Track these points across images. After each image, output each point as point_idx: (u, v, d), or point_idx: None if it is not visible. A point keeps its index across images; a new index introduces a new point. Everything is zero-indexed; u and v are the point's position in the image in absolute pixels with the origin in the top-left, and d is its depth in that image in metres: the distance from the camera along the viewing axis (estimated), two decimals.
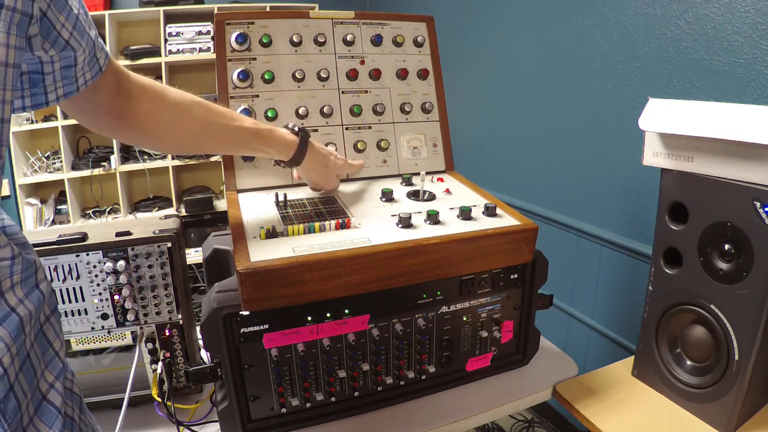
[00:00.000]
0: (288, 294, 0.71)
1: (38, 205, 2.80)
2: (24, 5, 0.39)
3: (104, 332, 0.84)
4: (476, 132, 2.25)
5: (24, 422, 0.42)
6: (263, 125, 0.81)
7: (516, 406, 0.91)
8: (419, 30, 1.07)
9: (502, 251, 0.83)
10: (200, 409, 0.88)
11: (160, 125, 0.70)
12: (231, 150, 0.86)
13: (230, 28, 0.94)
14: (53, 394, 0.47)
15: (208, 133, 0.74)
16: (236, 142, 0.78)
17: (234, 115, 0.77)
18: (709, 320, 0.81)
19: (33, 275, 0.47)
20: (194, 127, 0.73)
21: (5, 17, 0.38)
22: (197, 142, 0.75)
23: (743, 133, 0.70)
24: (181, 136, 0.73)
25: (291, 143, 0.83)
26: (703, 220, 0.80)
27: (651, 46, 1.35)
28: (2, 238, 0.42)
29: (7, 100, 0.40)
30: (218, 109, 0.75)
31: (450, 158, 1.08)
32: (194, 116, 0.72)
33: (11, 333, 0.41)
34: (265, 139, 0.80)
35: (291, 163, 0.85)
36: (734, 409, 0.79)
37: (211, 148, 0.80)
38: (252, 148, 0.81)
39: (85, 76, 0.56)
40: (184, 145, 0.78)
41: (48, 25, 0.46)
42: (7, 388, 0.40)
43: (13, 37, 0.39)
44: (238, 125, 0.77)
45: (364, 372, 0.83)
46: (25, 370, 0.43)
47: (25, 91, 0.52)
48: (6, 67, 0.39)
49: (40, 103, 0.53)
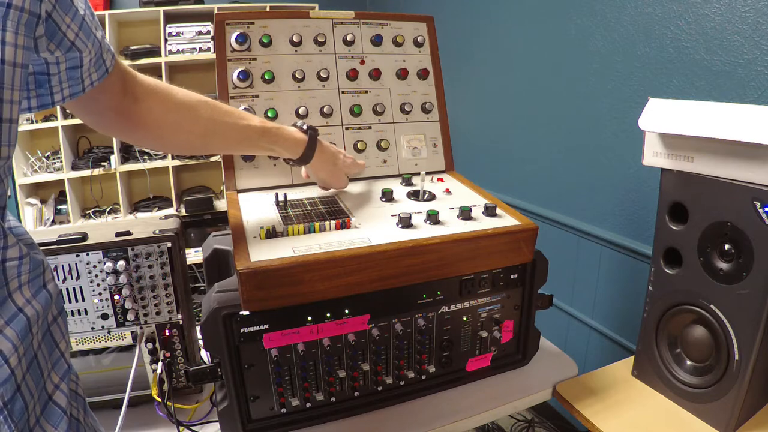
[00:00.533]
0: (288, 294, 0.71)
1: (38, 205, 2.80)
2: (32, 5, 0.40)
3: (104, 332, 0.84)
4: (476, 132, 2.25)
5: (30, 423, 0.42)
6: (271, 123, 0.81)
7: (516, 406, 0.91)
8: (419, 30, 1.07)
9: (502, 251, 0.83)
10: (200, 409, 0.88)
11: (166, 126, 0.69)
12: (239, 149, 0.86)
13: (230, 28, 0.94)
14: (59, 395, 0.47)
15: (216, 133, 0.74)
16: (244, 141, 0.78)
17: (242, 114, 0.77)
18: (709, 320, 0.81)
19: (41, 275, 0.47)
20: (201, 128, 0.72)
21: (13, 17, 0.38)
22: (204, 142, 0.75)
23: (743, 133, 0.70)
24: (189, 137, 0.72)
25: (300, 141, 0.83)
26: (703, 220, 0.80)
27: (651, 46, 1.35)
28: (10, 239, 0.42)
29: (15, 100, 0.40)
30: (225, 108, 0.75)
31: (450, 158, 1.08)
32: (201, 116, 0.71)
33: (18, 333, 0.41)
34: (274, 138, 0.80)
35: (300, 161, 0.85)
36: (734, 409, 0.79)
37: (219, 147, 0.80)
38: (260, 147, 0.81)
39: (92, 77, 0.56)
40: (192, 146, 0.77)
41: (53, 26, 0.46)
42: (15, 389, 0.40)
43: (21, 37, 0.39)
44: (246, 124, 0.76)
45: (364, 372, 0.83)
46: (33, 371, 0.43)
47: (30, 92, 0.52)
48: (14, 66, 0.39)
49: (46, 104, 0.53)
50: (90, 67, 0.55)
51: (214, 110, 0.73)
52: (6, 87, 0.38)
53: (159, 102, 0.67)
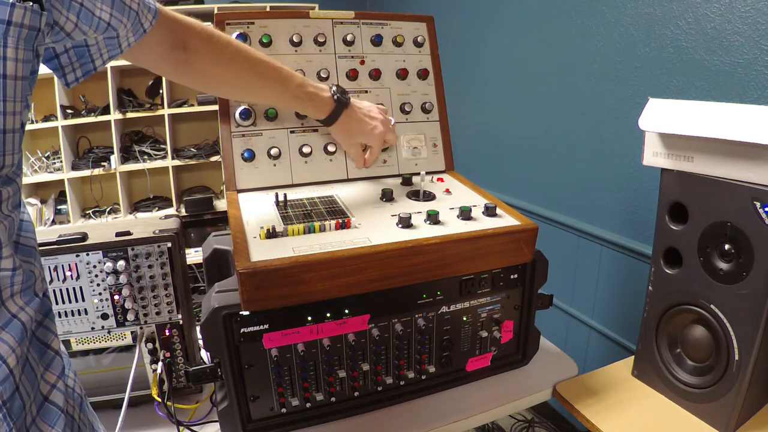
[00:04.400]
0: (288, 294, 0.71)
1: (38, 205, 2.80)
2: (32, 20, 0.41)
3: (104, 332, 0.84)
4: (476, 132, 2.26)
5: (27, 422, 0.43)
6: (311, 87, 0.84)
7: (516, 406, 0.91)
8: (419, 30, 1.07)
9: (502, 251, 0.83)
10: (200, 409, 0.88)
11: (211, 78, 0.77)
12: (275, 105, 0.95)
13: (230, 28, 0.94)
14: (55, 393, 0.48)
15: (255, 91, 0.83)
16: (279, 101, 0.87)
17: (281, 76, 0.81)
18: (709, 320, 0.81)
19: (32, 286, 0.48)
20: (242, 85, 0.80)
21: (14, 33, 0.39)
22: (244, 95, 0.87)
23: (743, 133, 0.70)
24: (231, 89, 0.83)
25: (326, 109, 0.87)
26: (703, 220, 0.80)
27: (651, 46, 1.35)
28: (5, 251, 0.43)
29: (17, 111, 0.41)
30: (270, 66, 0.80)
31: (450, 158, 1.08)
32: (244, 74, 0.78)
33: (15, 337, 0.42)
34: (303, 104, 0.86)
35: (324, 122, 0.90)
36: (734, 409, 0.79)
37: (257, 101, 0.92)
38: (293, 108, 0.92)
39: (129, 40, 0.60)
40: (234, 96, 0.90)
41: (88, 13, 0.49)
42: (14, 388, 0.41)
43: (21, 51, 0.40)
44: (283, 88, 0.82)
45: (364, 372, 0.83)
46: (27, 373, 0.44)
47: (74, 64, 0.57)
48: (15, 80, 0.40)
49: (89, 71, 0.59)
50: (127, 33, 0.59)
51: (258, 69, 0.78)
52: (9, 100, 0.40)
53: (208, 54, 0.74)
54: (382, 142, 0.93)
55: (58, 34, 0.48)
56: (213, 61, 0.75)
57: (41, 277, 0.50)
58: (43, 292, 0.49)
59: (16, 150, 0.42)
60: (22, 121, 0.43)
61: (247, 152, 0.93)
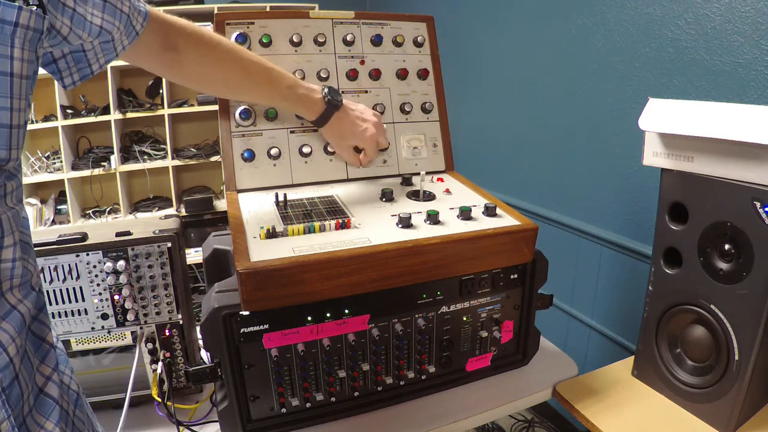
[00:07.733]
0: (288, 294, 0.71)
1: (38, 205, 2.80)
2: (36, 23, 0.43)
3: (104, 332, 0.84)
4: (476, 132, 2.25)
5: (24, 411, 0.45)
6: (302, 88, 0.86)
7: (516, 406, 0.91)
8: (419, 30, 1.07)
9: (502, 251, 0.83)
10: (200, 409, 0.88)
11: (203, 79, 0.79)
12: (265, 105, 0.94)
13: (230, 28, 0.94)
14: (51, 386, 0.49)
15: (246, 91, 0.84)
16: (269, 101, 0.89)
17: (272, 77, 0.82)
18: (709, 320, 0.81)
19: (29, 281, 0.49)
20: (233, 85, 0.82)
21: (20, 34, 0.41)
22: (235, 95, 0.89)
23: (743, 133, 0.70)
24: (221, 88, 0.84)
25: (317, 110, 0.88)
26: (703, 220, 0.80)
27: (651, 46, 1.35)
28: (7, 240, 0.45)
29: (22, 108, 0.43)
30: (261, 67, 0.81)
31: (450, 158, 1.08)
32: (234, 75, 0.80)
33: (15, 327, 0.44)
34: (294, 105, 0.87)
35: (315, 123, 0.91)
36: (734, 409, 0.79)
37: (248, 100, 0.92)
38: (283, 108, 0.93)
39: (123, 43, 0.62)
40: (224, 95, 0.90)
41: (80, 19, 0.51)
42: (13, 376, 0.43)
43: (26, 51, 0.43)
44: (274, 91, 0.83)
45: (364, 372, 0.83)
46: (25, 363, 0.46)
47: (72, 68, 0.59)
48: (21, 78, 0.43)
49: (86, 75, 0.61)
50: (121, 37, 0.60)
51: (248, 70, 0.80)
52: (16, 97, 0.42)
53: (199, 55, 0.75)
54: (375, 144, 0.95)
55: (55, 37, 0.50)
56: (202, 61, 0.76)
57: (36, 272, 0.51)
58: (38, 288, 0.51)
59: (21, 145, 0.45)
60: (25, 118, 0.45)
61: (247, 152, 0.93)
